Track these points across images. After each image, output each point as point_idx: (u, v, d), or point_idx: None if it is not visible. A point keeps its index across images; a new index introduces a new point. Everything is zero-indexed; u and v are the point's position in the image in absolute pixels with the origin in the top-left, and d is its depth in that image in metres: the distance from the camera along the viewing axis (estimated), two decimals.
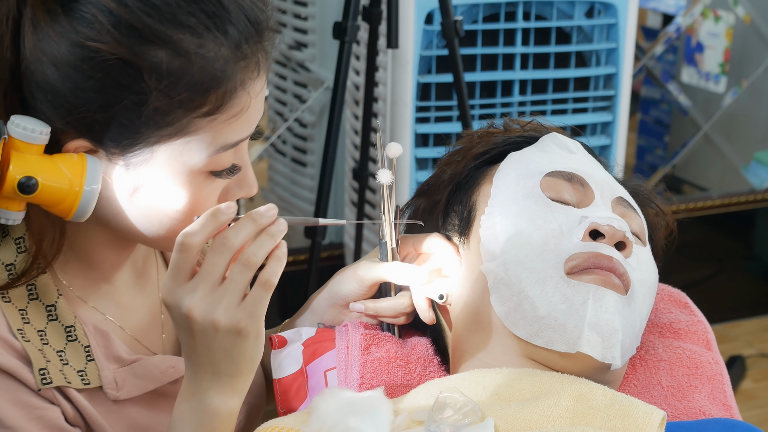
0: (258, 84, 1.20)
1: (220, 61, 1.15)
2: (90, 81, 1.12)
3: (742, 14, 4.07)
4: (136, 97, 1.13)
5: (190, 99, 1.15)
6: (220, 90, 1.16)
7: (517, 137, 1.40)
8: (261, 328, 1.20)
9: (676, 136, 4.52)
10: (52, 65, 1.13)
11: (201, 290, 1.17)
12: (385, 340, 1.36)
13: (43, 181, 1.14)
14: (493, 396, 1.19)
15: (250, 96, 1.19)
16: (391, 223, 1.33)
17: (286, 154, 3.45)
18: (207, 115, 1.16)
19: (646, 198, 1.43)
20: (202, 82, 1.15)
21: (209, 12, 1.15)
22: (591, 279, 1.22)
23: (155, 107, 1.14)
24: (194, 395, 1.21)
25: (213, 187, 1.22)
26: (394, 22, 2.48)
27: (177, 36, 1.13)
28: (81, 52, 1.12)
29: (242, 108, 1.18)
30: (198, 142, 1.17)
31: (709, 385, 1.33)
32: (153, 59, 1.12)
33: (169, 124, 1.15)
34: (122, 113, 1.14)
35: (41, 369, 1.22)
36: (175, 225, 1.21)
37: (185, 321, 1.17)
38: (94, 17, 1.12)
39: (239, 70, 1.17)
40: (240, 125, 1.19)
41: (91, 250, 1.28)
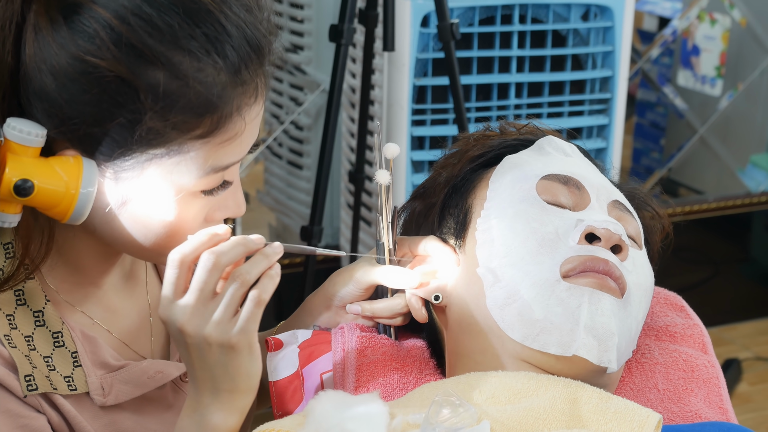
0: (254, 109, 1.20)
1: (218, 86, 1.15)
2: (86, 95, 1.12)
3: (738, 17, 4.07)
4: (131, 116, 1.13)
5: (184, 122, 1.14)
6: (215, 115, 1.16)
7: (513, 140, 1.40)
8: (254, 343, 1.21)
9: (672, 139, 4.52)
10: (50, 74, 1.13)
11: (193, 305, 1.18)
12: (381, 343, 1.36)
13: (39, 184, 1.14)
14: (488, 399, 1.18)
15: (245, 121, 1.19)
16: (388, 225, 1.33)
17: (282, 157, 3.44)
18: (200, 138, 1.16)
19: (641, 201, 1.43)
20: (198, 106, 1.14)
21: (211, 36, 1.14)
22: (587, 282, 1.22)
23: (149, 127, 1.13)
24: (196, 411, 1.22)
25: (200, 206, 1.22)
26: (390, 24, 2.48)
27: (176, 58, 1.13)
28: (80, 66, 1.12)
29: (236, 133, 1.18)
30: (189, 163, 1.17)
31: (705, 388, 1.33)
32: (151, 80, 1.12)
33: (161, 144, 1.15)
34: (116, 130, 1.14)
35: (27, 375, 1.22)
36: (160, 240, 1.22)
37: (180, 336, 1.19)
38: (95, 32, 1.11)
39: (236, 95, 1.17)
40: (233, 149, 1.19)
41: (78, 255, 1.28)
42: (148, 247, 1.23)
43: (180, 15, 1.13)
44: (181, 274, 1.19)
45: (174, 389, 1.36)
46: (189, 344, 1.19)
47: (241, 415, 1.23)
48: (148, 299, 1.39)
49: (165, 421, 1.34)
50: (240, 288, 1.18)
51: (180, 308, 1.18)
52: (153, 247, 1.23)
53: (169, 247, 1.22)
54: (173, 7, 1.13)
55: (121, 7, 1.12)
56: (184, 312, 1.18)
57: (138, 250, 1.24)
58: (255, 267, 1.19)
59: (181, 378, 1.36)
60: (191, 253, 1.19)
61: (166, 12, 1.13)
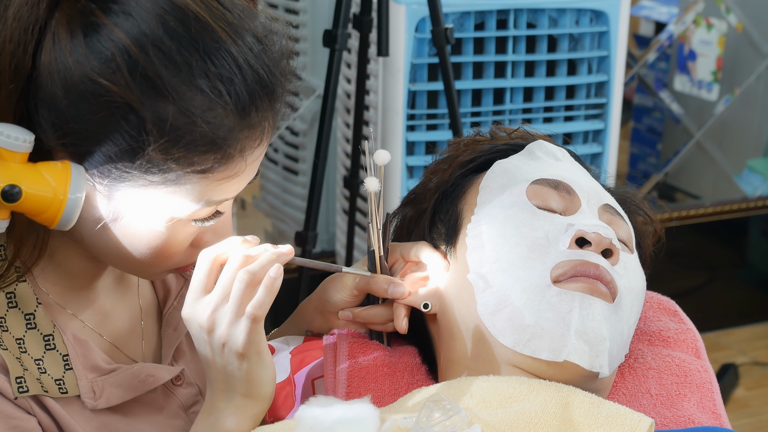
0: (257, 152, 1.20)
1: (225, 128, 1.15)
2: (94, 115, 1.12)
3: (734, 22, 4.08)
4: (134, 144, 1.13)
5: (186, 157, 1.14)
6: (218, 154, 1.16)
7: (503, 145, 1.40)
8: (263, 351, 1.22)
9: (668, 144, 4.52)
10: (61, 86, 1.12)
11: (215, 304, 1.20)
12: (372, 349, 1.35)
13: (27, 190, 1.14)
14: (480, 403, 1.18)
15: (246, 162, 1.19)
16: (379, 232, 1.33)
17: (278, 163, 3.44)
18: (199, 173, 1.16)
19: (634, 205, 1.42)
20: (202, 145, 1.14)
21: (224, 76, 1.14)
22: (577, 287, 1.22)
23: (150, 158, 1.13)
24: (210, 415, 1.24)
25: (189, 232, 1.23)
26: (385, 30, 2.48)
27: (188, 95, 1.13)
28: (91, 86, 1.11)
29: (236, 172, 1.19)
30: (185, 194, 1.18)
31: (698, 393, 1.32)
32: (160, 112, 1.12)
33: (160, 173, 1.15)
34: (117, 154, 1.14)
35: (18, 377, 1.22)
36: (144, 258, 1.23)
37: (200, 333, 1.21)
38: (112, 56, 1.11)
39: (242, 138, 1.17)
40: (230, 186, 1.20)
41: (69, 260, 1.28)
42: (131, 262, 1.24)
43: (199, 52, 1.13)
44: (211, 273, 1.21)
45: (165, 393, 1.36)
46: (207, 343, 1.21)
47: (254, 422, 1.24)
48: (140, 303, 1.39)
49: (156, 423, 1.34)
50: (247, 289, 1.19)
51: (203, 305, 1.20)
52: (136, 263, 1.23)
53: (151, 266, 1.23)
54: (193, 43, 1.13)
55: (142, 35, 1.11)
56: (205, 310, 1.20)
57: (122, 264, 1.26)
58: (263, 268, 1.20)
59: (172, 382, 1.37)
60: (222, 255, 1.21)
61: (186, 47, 1.12)
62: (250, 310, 1.18)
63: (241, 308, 1.19)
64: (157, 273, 1.27)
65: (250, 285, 1.19)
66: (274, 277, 1.19)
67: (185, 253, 1.25)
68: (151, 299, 1.41)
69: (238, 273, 1.19)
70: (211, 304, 1.20)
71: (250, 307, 1.18)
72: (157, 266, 1.24)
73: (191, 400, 1.38)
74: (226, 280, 1.20)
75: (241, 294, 1.18)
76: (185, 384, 1.38)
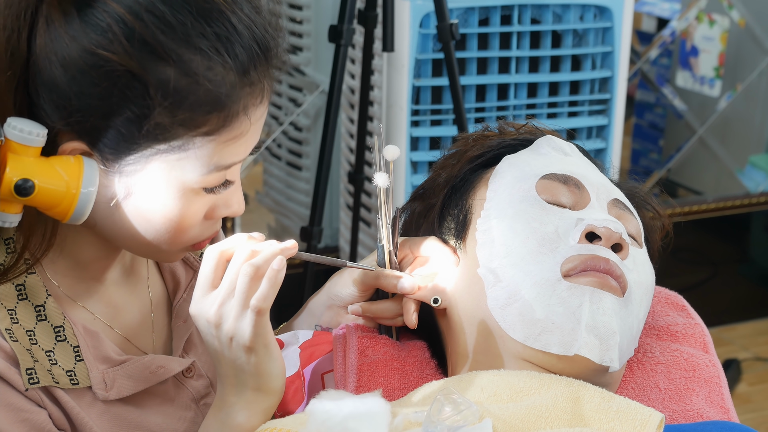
0: (259, 110, 1.22)
1: (227, 85, 1.16)
2: (96, 88, 1.13)
3: (736, 18, 4.07)
4: (140, 111, 1.14)
5: (192, 118, 1.16)
6: (222, 113, 1.17)
7: (512, 140, 1.40)
8: (270, 343, 1.23)
9: (671, 140, 4.52)
10: (60, 66, 1.13)
11: (222, 298, 1.21)
12: (382, 343, 1.36)
13: (40, 184, 1.14)
14: (491, 397, 1.19)
15: (251, 121, 1.20)
16: (388, 227, 1.33)
17: (282, 158, 3.44)
18: (206, 135, 1.17)
19: (642, 200, 1.43)
20: (206, 104, 1.16)
21: (221, 35, 1.16)
22: (588, 281, 1.22)
23: (157, 123, 1.15)
24: (221, 410, 1.25)
25: (202, 203, 1.23)
26: (390, 25, 2.48)
27: (187, 56, 1.14)
28: (90, 59, 1.13)
29: (242, 132, 1.20)
30: (194, 159, 1.18)
31: (706, 387, 1.32)
32: (161, 76, 1.13)
33: (167, 139, 1.16)
34: (123, 124, 1.15)
35: (28, 369, 1.22)
36: (159, 236, 1.23)
37: (208, 328, 1.22)
38: (108, 26, 1.12)
39: (244, 95, 1.18)
40: (237, 148, 1.21)
41: (79, 250, 1.29)
42: (147, 242, 1.24)
43: (192, 14, 1.15)
44: (217, 269, 1.22)
45: (176, 384, 1.36)
46: (216, 337, 1.21)
47: (265, 416, 1.25)
48: (150, 295, 1.39)
49: (167, 415, 1.34)
50: (251, 282, 1.20)
51: (210, 300, 1.21)
52: (152, 243, 1.24)
53: (168, 243, 1.23)
54: (186, 6, 1.14)
55: (135, 3, 1.13)
56: (213, 305, 1.20)
57: (137, 246, 1.25)
58: (266, 251, 1.21)
59: (183, 374, 1.37)
60: (228, 250, 1.22)
61: (179, 10, 1.14)
62: (254, 302, 1.19)
63: (246, 301, 1.20)
64: (174, 252, 1.27)
65: (255, 278, 1.19)
66: (278, 269, 1.19)
67: (200, 226, 1.25)
68: (161, 292, 1.41)
69: (243, 267, 1.19)
70: (218, 299, 1.21)
71: (254, 299, 1.19)
72: (173, 243, 1.24)
73: (202, 392, 1.38)
74: (232, 274, 1.20)
75: (246, 288, 1.19)
76: (196, 376, 1.38)
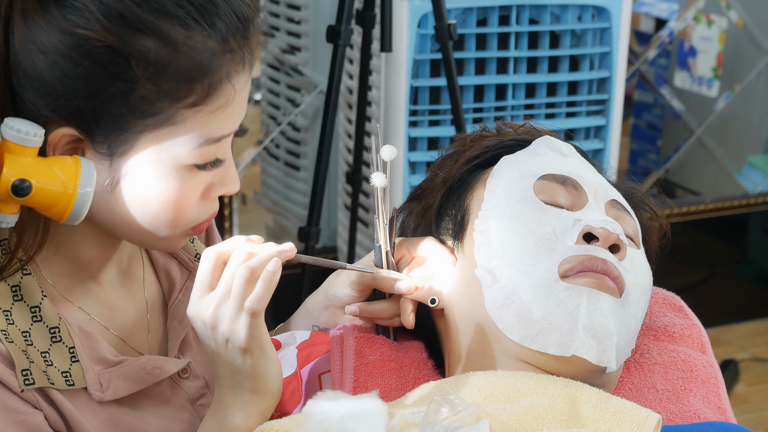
0: (243, 78, 1.21)
1: (207, 52, 1.17)
2: (78, 68, 1.14)
3: (734, 18, 4.08)
4: (123, 85, 1.14)
5: (176, 89, 1.16)
6: (206, 81, 1.17)
7: (510, 140, 1.40)
8: (265, 345, 1.23)
9: (669, 141, 4.52)
10: (40, 53, 1.14)
11: (219, 300, 1.21)
12: (379, 344, 1.36)
13: (37, 184, 1.14)
14: (488, 398, 1.18)
15: (236, 89, 1.20)
16: (385, 227, 1.33)
17: (280, 158, 3.44)
18: (193, 106, 1.18)
19: (639, 200, 1.43)
20: (189, 72, 1.16)
21: (197, 4, 1.16)
22: (585, 282, 1.22)
23: (142, 96, 1.15)
24: (218, 412, 1.25)
25: (196, 181, 1.23)
26: (388, 25, 2.48)
27: (165, 26, 1.14)
28: (70, 40, 1.13)
29: (227, 100, 1.20)
30: (183, 133, 1.19)
31: (704, 388, 1.32)
32: (141, 48, 1.14)
33: (155, 113, 1.16)
34: (109, 101, 1.15)
35: (24, 370, 1.22)
36: (156, 219, 1.23)
37: (205, 330, 1.22)
38: (84, 6, 1.13)
39: (225, 62, 1.18)
40: (224, 119, 1.21)
41: (76, 246, 1.28)
42: (145, 229, 1.23)
43: None
44: (214, 271, 1.22)
45: (172, 385, 1.36)
46: (212, 339, 1.22)
47: (263, 418, 1.25)
48: (146, 296, 1.39)
49: (163, 416, 1.34)
50: (246, 283, 1.20)
51: (207, 302, 1.21)
52: (151, 228, 1.23)
53: (166, 227, 1.23)
54: None
55: None
56: (209, 307, 1.21)
57: (136, 234, 1.25)
58: (262, 263, 1.21)
59: (179, 374, 1.37)
60: (225, 253, 1.22)
61: None
62: (248, 304, 1.19)
63: (242, 303, 1.20)
64: (174, 237, 1.27)
65: (250, 280, 1.19)
66: (272, 271, 1.20)
67: (197, 207, 1.25)
68: (156, 293, 1.41)
69: (238, 269, 1.19)
70: (214, 301, 1.21)
71: (249, 301, 1.19)
72: (172, 225, 1.24)
73: (198, 392, 1.38)
74: (228, 276, 1.20)
75: (241, 289, 1.19)
76: (192, 377, 1.38)
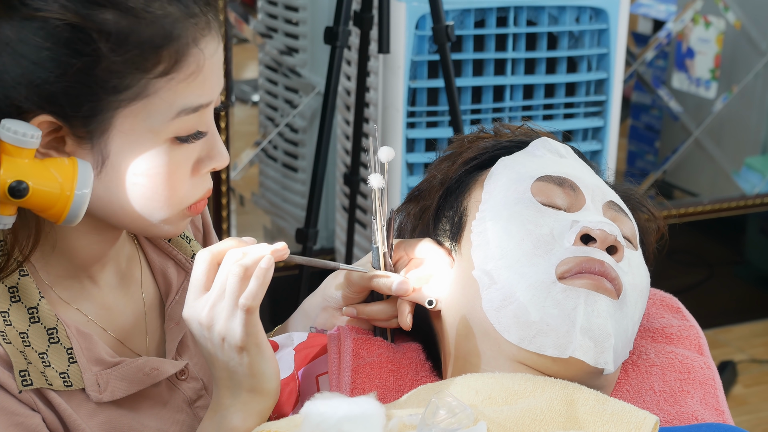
0: (212, 44, 1.21)
1: (169, 18, 1.17)
2: (43, 52, 1.14)
3: (732, 20, 4.08)
4: (89, 60, 1.14)
5: (143, 58, 1.16)
6: (172, 47, 1.17)
7: (508, 142, 1.40)
8: (262, 343, 1.23)
9: (666, 142, 4.52)
10: (6, 46, 1.14)
11: (213, 301, 1.21)
12: (376, 345, 1.36)
13: (34, 186, 1.14)
14: (485, 400, 1.18)
15: (204, 54, 1.20)
16: (383, 228, 1.33)
17: (277, 160, 3.44)
18: (163, 75, 1.17)
19: (637, 202, 1.43)
20: (153, 40, 1.16)
21: None
22: (583, 284, 1.22)
23: (109, 69, 1.15)
24: (217, 413, 1.25)
25: (182, 156, 1.22)
26: (386, 27, 2.48)
27: None
28: (31, 25, 1.14)
29: (198, 66, 1.19)
30: (158, 104, 1.18)
31: (701, 389, 1.32)
32: (101, 20, 1.14)
33: (126, 87, 1.16)
34: (78, 79, 1.15)
35: (22, 371, 1.22)
36: (148, 199, 1.22)
37: (200, 330, 1.22)
38: None
39: (190, 26, 1.18)
40: (198, 87, 1.20)
41: (72, 245, 1.28)
42: (138, 210, 1.23)
43: None
44: (209, 272, 1.22)
45: (169, 387, 1.36)
46: (208, 339, 1.22)
47: (261, 419, 1.25)
48: (143, 297, 1.39)
49: (161, 418, 1.34)
50: (238, 281, 1.20)
51: (202, 303, 1.21)
52: (144, 210, 1.23)
53: (160, 207, 1.23)
54: None
55: None
56: (204, 307, 1.21)
57: (130, 217, 1.24)
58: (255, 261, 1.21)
59: (177, 376, 1.37)
60: (219, 254, 1.22)
61: None
62: (242, 301, 1.19)
63: (236, 301, 1.20)
64: (171, 219, 1.26)
65: (244, 278, 1.20)
66: (266, 267, 1.20)
67: (189, 184, 1.24)
68: (153, 294, 1.41)
69: (232, 267, 1.20)
70: (209, 301, 1.21)
71: (243, 298, 1.19)
72: (166, 206, 1.23)
73: (196, 394, 1.38)
74: (222, 276, 1.21)
75: (236, 288, 1.20)
76: (189, 378, 1.38)
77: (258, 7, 3.43)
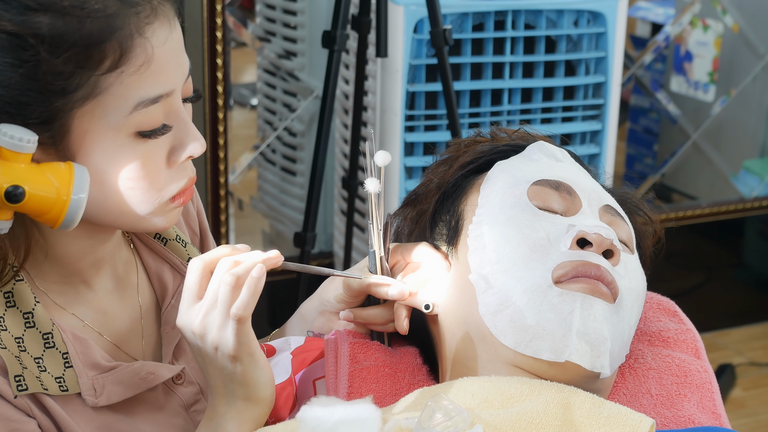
0: (161, 32, 1.19)
1: (108, 11, 1.15)
2: None
3: (730, 23, 4.08)
4: (30, 65, 1.13)
5: (86, 56, 1.14)
6: (114, 40, 1.15)
7: (504, 146, 1.40)
8: (255, 352, 1.23)
9: (665, 145, 4.52)
10: None
11: (206, 309, 1.21)
12: (373, 349, 1.36)
13: (31, 190, 1.14)
14: (481, 403, 1.18)
15: (152, 43, 1.18)
16: (379, 233, 1.33)
17: (276, 163, 3.45)
18: (111, 70, 1.16)
19: (633, 205, 1.43)
20: (92, 36, 1.14)
21: None
22: (579, 288, 1.22)
23: (52, 72, 1.13)
24: (212, 420, 1.25)
25: (150, 149, 1.21)
26: (383, 31, 2.48)
27: None
28: None
29: (147, 56, 1.17)
30: (111, 100, 1.17)
31: (698, 393, 1.33)
32: (35, 25, 1.13)
33: (76, 87, 1.15)
34: (24, 86, 1.14)
35: (17, 376, 1.22)
36: (127, 196, 1.21)
37: (194, 339, 1.22)
38: None
39: (131, 16, 1.16)
40: (151, 77, 1.18)
41: (64, 250, 1.28)
42: (120, 207, 1.22)
43: None
44: (202, 280, 1.22)
45: (166, 391, 1.36)
46: (202, 348, 1.22)
47: (256, 425, 1.25)
48: (140, 301, 1.39)
49: (157, 422, 1.34)
50: (231, 290, 1.20)
51: (195, 311, 1.21)
52: (125, 207, 1.22)
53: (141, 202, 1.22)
54: None
55: None
56: (198, 316, 1.21)
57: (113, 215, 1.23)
58: (247, 270, 1.21)
59: (173, 380, 1.37)
60: (211, 262, 1.22)
61: None
62: (233, 311, 1.19)
63: (228, 311, 1.20)
64: (158, 212, 1.25)
65: (236, 287, 1.19)
66: (257, 277, 1.19)
67: (166, 176, 1.23)
68: (150, 298, 1.41)
69: (223, 276, 1.19)
70: (202, 310, 1.21)
71: (234, 308, 1.19)
72: (148, 200, 1.22)
73: (192, 398, 1.38)
74: (215, 285, 1.21)
75: (227, 297, 1.19)
76: (186, 383, 1.38)
77: (256, 11, 3.43)
